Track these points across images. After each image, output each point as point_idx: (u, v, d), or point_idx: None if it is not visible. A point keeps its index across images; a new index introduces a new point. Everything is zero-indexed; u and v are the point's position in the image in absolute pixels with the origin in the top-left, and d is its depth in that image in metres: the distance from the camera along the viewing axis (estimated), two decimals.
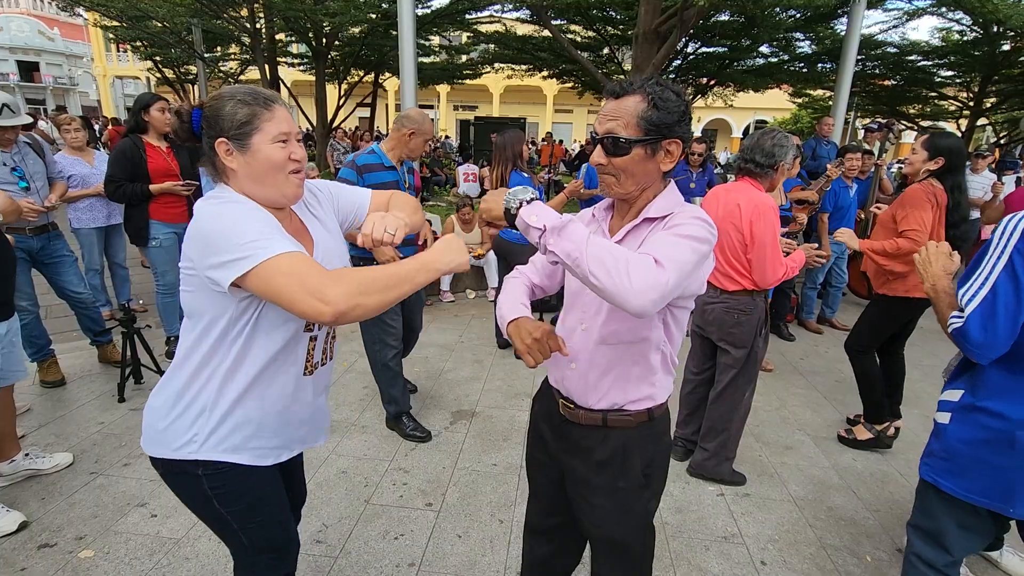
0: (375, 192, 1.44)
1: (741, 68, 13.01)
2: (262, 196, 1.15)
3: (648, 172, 1.16)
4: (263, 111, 1.12)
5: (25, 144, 3.06)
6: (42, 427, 2.84)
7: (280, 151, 1.13)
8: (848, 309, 5.54)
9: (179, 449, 1.17)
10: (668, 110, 1.11)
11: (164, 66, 18.04)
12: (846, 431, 3.06)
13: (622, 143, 1.12)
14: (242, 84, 1.19)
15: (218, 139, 1.11)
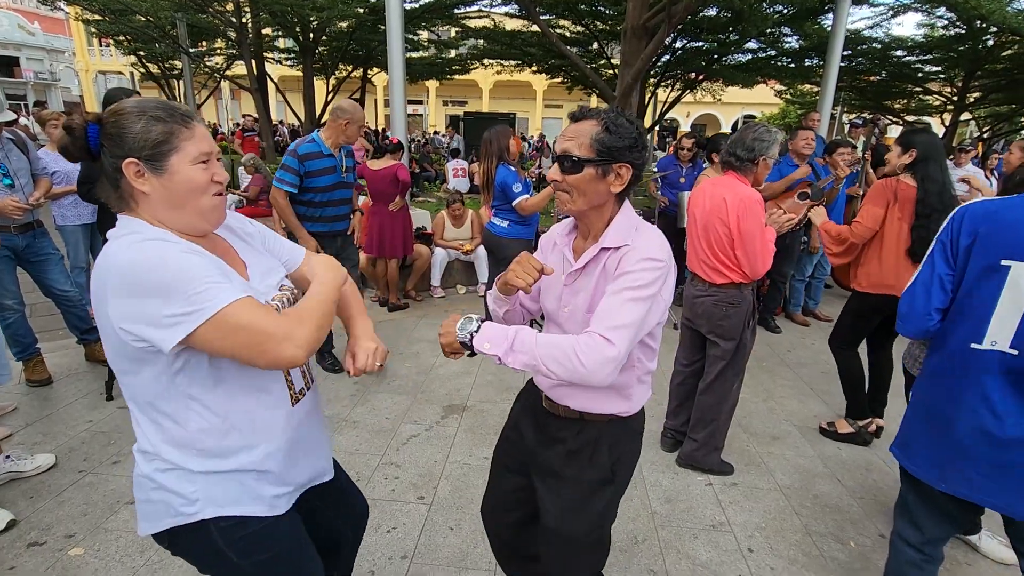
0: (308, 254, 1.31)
1: (729, 63, 13.10)
2: (180, 223, 1.02)
3: (598, 192, 1.22)
4: (182, 129, 0.99)
5: (8, 140, 3.02)
6: (29, 426, 2.82)
7: (202, 173, 1.01)
8: (833, 301, 5.62)
9: (179, 516, 1.05)
10: (620, 135, 1.17)
11: (148, 61, 17.81)
12: (827, 423, 3.10)
13: (575, 161, 1.18)
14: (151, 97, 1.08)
15: (126, 160, 0.96)
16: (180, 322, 0.90)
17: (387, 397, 3.30)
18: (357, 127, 3.25)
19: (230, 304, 0.92)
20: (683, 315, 2.72)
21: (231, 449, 1.06)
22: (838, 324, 3.08)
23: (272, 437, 1.11)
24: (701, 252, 2.51)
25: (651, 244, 1.21)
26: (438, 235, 5.40)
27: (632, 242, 1.22)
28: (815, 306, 5.12)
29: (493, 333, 1.17)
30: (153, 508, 1.06)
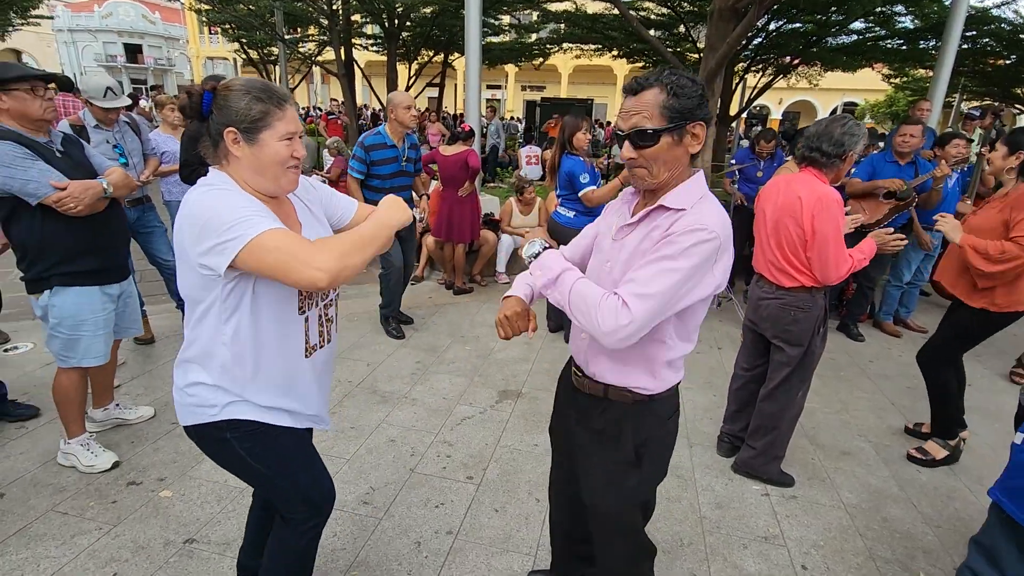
0: (361, 204, 1.53)
1: (829, 46, 12.06)
2: (259, 185, 1.21)
3: (677, 158, 1.19)
4: (276, 110, 1.17)
5: (124, 123, 3.37)
6: (134, 379, 3.18)
7: (285, 148, 1.19)
8: (930, 311, 5.13)
9: (202, 414, 1.26)
10: (687, 96, 1.14)
11: (249, 48, 19.07)
12: (918, 450, 2.80)
13: (650, 134, 1.16)
14: (256, 78, 1.25)
15: (228, 127, 1.16)
16: (226, 248, 1.07)
17: (446, 378, 3.41)
18: (403, 109, 3.55)
19: (264, 232, 1.07)
20: (746, 316, 2.60)
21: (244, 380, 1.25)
22: (942, 339, 2.76)
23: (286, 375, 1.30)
24: (769, 252, 2.38)
25: (708, 213, 1.16)
26: (505, 222, 5.45)
27: (691, 208, 1.17)
28: (907, 315, 4.69)
29: (548, 262, 1.26)
30: (185, 406, 1.29)
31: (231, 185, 1.19)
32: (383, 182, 3.64)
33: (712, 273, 1.16)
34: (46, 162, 2.08)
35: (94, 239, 2.24)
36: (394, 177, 3.67)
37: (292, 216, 1.32)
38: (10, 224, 2.12)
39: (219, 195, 1.14)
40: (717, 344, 4.10)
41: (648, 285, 1.12)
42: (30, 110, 2.07)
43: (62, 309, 2.21)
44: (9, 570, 1.85)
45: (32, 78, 2.07)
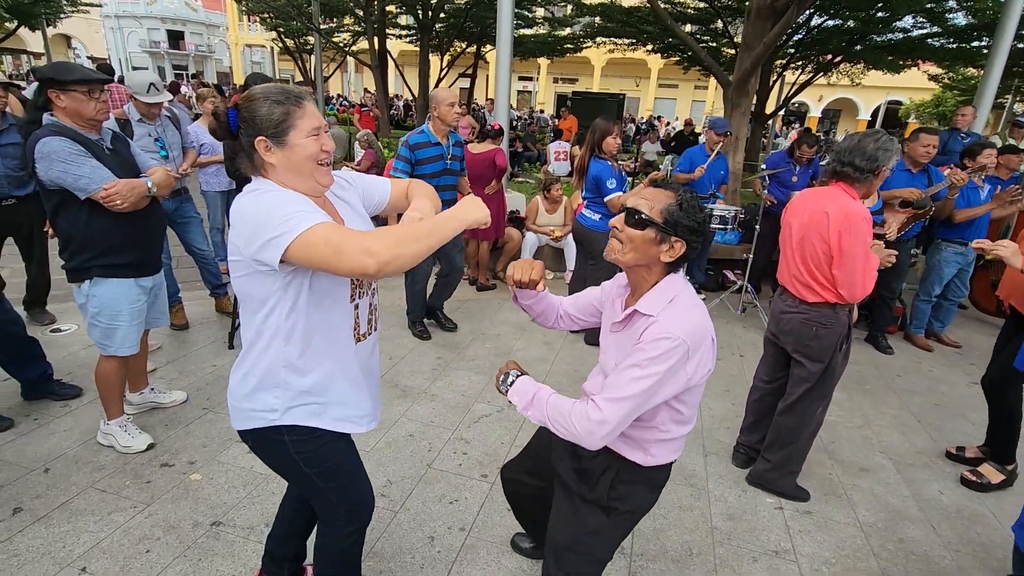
0: (394, 181, 1.55)
1: (873, 43, 11.62)
2: (298, 186, 1.25)
3: (649, 254, 1.29)
4: (296, 108, 1.20)
5: (166, 117, 3.50)
6: (169, 364, 3.33)
7: (314, 143, 1.22)
8: (966, 325, 4.98)
9: (262, 419, 1.31)
10: (689, 215, 1.27)
11: (286, 37, 19.40)
12: (972, 473, 2.72)
13: (642, 219, 1.28)
14: (271, 83, 1.30)
15: (258, 137, 1.20)
16: (278, 242, 1.11)
17: (465, 375, 3.47)
18: (446, 107, 3.51)
19: (313, 225, 1.11)
20: (768, 329, 2.58)
21: (305, 371, 1.30)
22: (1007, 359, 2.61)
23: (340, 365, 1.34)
24: (794, 267, 2.35)
25: (673, 320, 1.24)
26: (530, 220, 5.46)
27: (659, 315, 1.26)
28: (942, 329, 4.55)
29: (521, 388, 1.35)
30: (242, 410, 1.34)
31: (276, 187, 1.23)
32: (429, 181, 3.54)
33: (684, 370, 1.23)
34: (97, 159, 2.19)
35: (135, 234, 2.35)
36: (439, 176, 3.57)
37: (335, 215, 1.35)
38: (57, 215, 2.25)
39: (268, 196, 1.19)
40: (739, 352, 4.07)
41: (620, 390, 1.22)
42: (84, 110, 2.19)
43: (101, 299, 2.33)
44: (52, 541, 1.99)
45: (90, 81, 2.18)
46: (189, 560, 1.95)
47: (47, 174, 2.11)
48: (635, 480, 1.41)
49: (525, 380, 1.37)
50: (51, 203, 2.22)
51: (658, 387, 1.22)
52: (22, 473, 2.32)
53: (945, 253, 4.19)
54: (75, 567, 1.89)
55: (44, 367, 2.85)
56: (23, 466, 2.36)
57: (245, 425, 1.35)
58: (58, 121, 2.19)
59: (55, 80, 2.15)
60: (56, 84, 2.15)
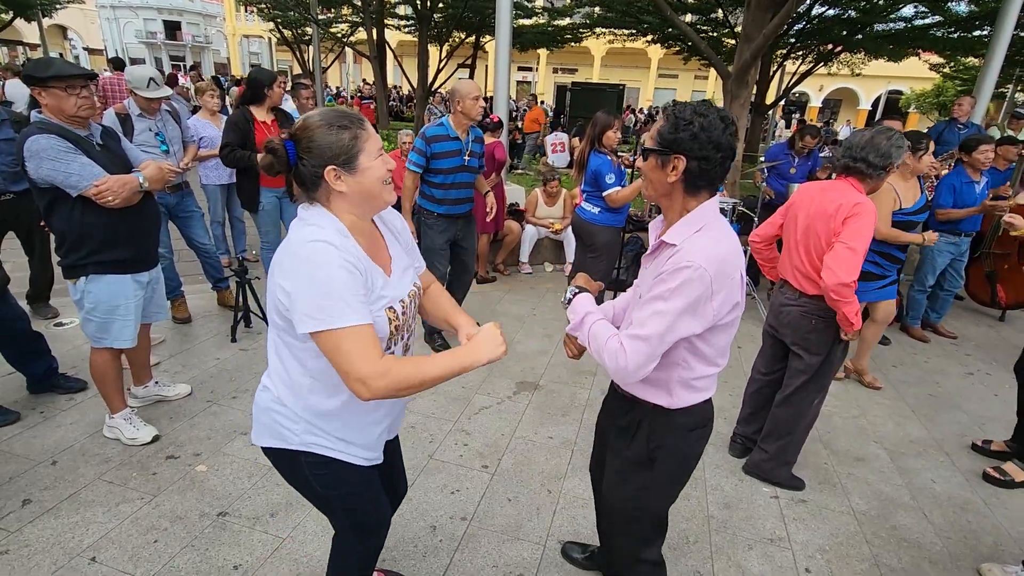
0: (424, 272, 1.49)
1: (874, 33, 11.56)
2: (368, 210, 1.23)
3: (660, 181, 1.29)
4: (362, 132, 1.16)
5: (166, 112, 3.51)
6: (172, 357, 3.36)
7: (381, 164, 1.19)
8: (962, 316, 5.01)
9: (280, 440, 1.30)
10: (677, 127, 1.23)
11: (284, 27, 19.25)
12: (996, 470, 2.72)
13: (643, 150, 1.31)
14: (327, 108, 1.24)
15: (327, 167, 1.14)
16: (308, 321, 1.08)
17: None
18: (471, 100, 3.29)
19: (346, 328, 1.08)
20: (767, 322, 2.61)
21: (327, 412, 1.27)
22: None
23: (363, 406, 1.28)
24: (796, 259, 2.38)
25: (697, 249, 1.20)
26: (530, 212, 5.48)
27: (684, 244, 1.23)
28: (938, 320, 4.59)
29: (576, 306, 1.41)
30: (263, 427, 1.32)
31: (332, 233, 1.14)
32: (445, 177, 3.37)
33: (710, 306, 1.20)
34: (87, 155, 2.19)
35: (128, 230, 2.35)
36: (456, 172, 3.39)
37: (382, 248, 1.31)
38: (50, 213, 2.25)
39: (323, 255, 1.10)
40: (737, 343, 4.10)
41: (642, 327, 1.23)
42: (65, 106, 2.17)
43: (97, 295, 2.35)
44: (62, 531, 2.03)
45: (68, 77, 2.15)
46: (197, 549, 1.99)
47: (37, 172, 2.11)
48: (668, 427, 1.41)
49: (581, 299, 1.40)
50: (43, 201, 2.22)
51: (680, 321, 1.20)
52: (30, 465, 2.36)
53: (939, 243, 4.21)
54: (85, 557, 1.93)
55: (49, 361, 2.88)
56: (31, 459, 2.40)
57: (263, 442, 1.33)
58: (46, 118, 2.18)
59: (34, 77, 2.13)
60: (36, 81, 2.13)
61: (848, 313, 2.16)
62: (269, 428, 1.31)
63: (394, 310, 1.24)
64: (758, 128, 13.44)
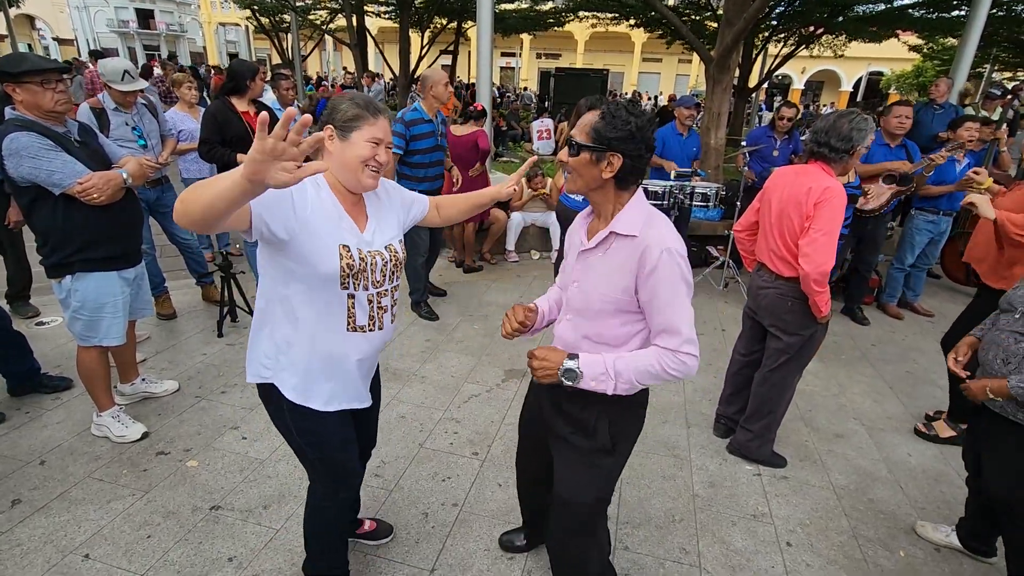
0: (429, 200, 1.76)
1: (855, 15, 11.62)
2: (343, 178, 1.40)
3: (593, 176, 1.33)
4: (369, 116, 1.36)
5: (143, 106, 3.44)
6: (158, 354, 3.34)
7: (369, 149, 1.36)
8: (938, 294, 5.14)
9: (258, 374, 1.47)
10: (614, 126, 1.28)
11: (261, 15, 18.83)
12: (924, 426, 2.94)
13: (574, 145, 1.33)
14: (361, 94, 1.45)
15: (327, 124, 1.37)
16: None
17: (454, 356, 3.54)
18: (442, 86, 3.65)
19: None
20: (746, 304, 2.66)
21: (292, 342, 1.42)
22: (965, 324, 2.73)
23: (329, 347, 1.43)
24: (772, 242, 2.43)
25: (666, 235, 1.30)
26: (515, 199, 5.48)
27: (642, 234, 1.30)
28: (915, 298, 4.70)
29: (595, 372, 1.35)
30: (251, 363, 1.49)
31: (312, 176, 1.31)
32: (423, 156, 3.72)
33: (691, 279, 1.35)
34: (66, 152, 2.16)
35: (113, 226, 2.34)
36: (431, 152, 3.75)
37: (362, 213, 1.47)
38: (32, 212, 2.22)
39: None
40: (721, 326, 4.17)
41: (682, 323, 1.30)
42: (42, 102, 2.13)
43: (84, 293, 2.33)
44: (53, 530, 2.03)
45: (43, 71, 2.11)
46: (190, 543, 2.01)
47: (17, 171, 2.07)
48: (624, 413, 1.49)
49: (589, 363, 1.35)
50: (24, 200, 2.19)
51: (688, 299, 1.31)
52: (18, 466, 2.35)
53: (917, 221, 4.31)
54: (78, 554, 1.94)
55: (31, 362, 2.85)
56: (18, 459, 2.39)
57: (251, 378, 1.49)
58: (21, 115, 2.14)
59: (7, 73, 2.08)
60: (9, 77, 2.08)
61: (820, 302, 2.28)
62: (255, 364, 1.47)
63: (348, 248, 1.37)
64: (741, 112, 13.50)
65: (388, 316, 1.53)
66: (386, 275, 1.48)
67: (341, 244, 1.36)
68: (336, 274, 1.36)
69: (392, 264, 1.49)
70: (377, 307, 1.48)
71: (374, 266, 1.43)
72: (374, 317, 1.49)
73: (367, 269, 1.41)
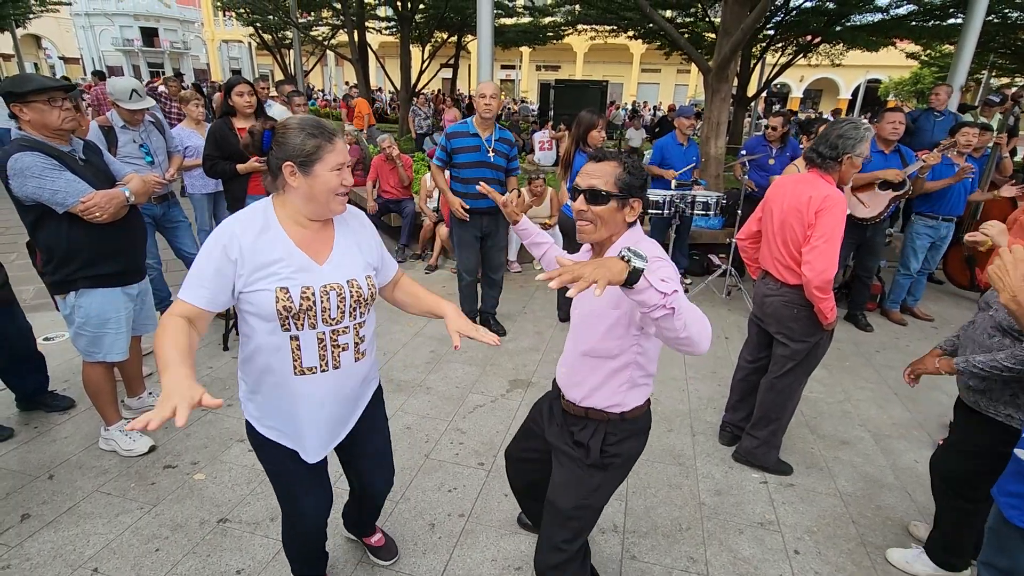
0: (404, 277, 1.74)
1: (852, 24, 11.73)
2: (310, 211, 1.38)
3: (616, 221, 1.42)
4: (327, 144, 1.32)
5: (150, 123, 3.50)
6: None
7: (335, 177, 1.34)
8: (941, 300, 5.14)
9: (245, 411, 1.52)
10: (636, 176, 1.39)
11: (264, 32, 19.09)
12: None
13: (603, 195, 1.38)
14: (309, 116, 1.37)
15: (286, 161, 1.31)
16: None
17: (459, 367, 3.55)
18: (478, 98, 3.54)
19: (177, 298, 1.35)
20: (752, 312, 2.68)
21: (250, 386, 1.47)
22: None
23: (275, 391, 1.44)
24: (776, 250, 2.44)
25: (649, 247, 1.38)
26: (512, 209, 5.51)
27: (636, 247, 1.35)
28: (914, 303, 4.71)
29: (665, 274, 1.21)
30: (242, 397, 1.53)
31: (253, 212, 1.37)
32: (468, 171, 3.57)
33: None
34: (71, 171, 2.18)
35: (117, 243, 2.36)
36: (474, 167, 3.56)
37: (327, 243, 1.43)
38: (37, 230, 2.24)
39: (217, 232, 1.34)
40: (724, 334, 4.18)
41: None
42: (49, 120, 2.16)
43: (88, 310, 2.35)
44: (62, 544, 2.04)
45: (49, 89, 2.15)
46: (198, 556, 2.02)
47: (22, 190, 2.10)
48: (621, 434, 1.53)
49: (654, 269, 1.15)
50: (29, 218, 2.22)
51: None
52: (27, 480, 2.36)
53: (917, 227, 4.33)
54: (87, 568, 1.95)
55: (42, 380, 2.88)
56: (27, 473, 2.40)
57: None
58: (28, 135, 2.17)
59: (13, 93, 2.12)
60: (16, 97, 2.12)
61: (824, 308, 2.29)
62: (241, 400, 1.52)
63: (286, 290, 1.33)
64: (740, 121, 13.58)
65: (349, 354, 1.46)
66: (344, 312, 1.41)
67: (279, 287, 1.32)
68: (273, 316, 1.33)
69: (353, 300, 1.42)
70: (331, 345, 1.41)
71: (327, 303, 1.37)
72: (326, 357, 1.41)
73: (314, 308, 1.35)
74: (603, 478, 1.55)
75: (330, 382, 1.45)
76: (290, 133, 1.31)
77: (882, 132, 3.90)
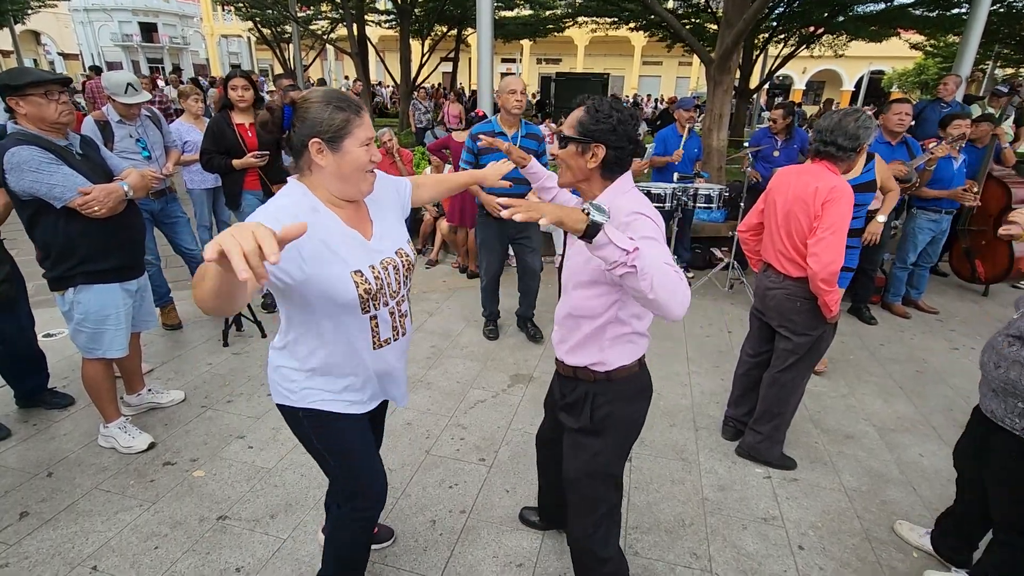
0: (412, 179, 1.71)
1: (855, 14, 11.62)
2: (342, 192, 1.29)
3: (580, 167, 1.40)
4: (356, 117, 1.23)
5: (146, 117, 3.47)
6: (164, 364, 3.35)
7: (365, 153, 1.26)
8: (946, 292, 5.10)
9: (284, 397, 1.43)
10: (596, 119, 1.35)
11: (263, 26, 18.99)
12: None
13: (562, 138, 1.41)
14: (332, 88, 1.31)
15: (312, 138, 1.21)
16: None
17: (459, 362, 3.53)
18: (506, 94, 3.32)
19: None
20: (754, 305, 2.65)
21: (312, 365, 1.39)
22: None
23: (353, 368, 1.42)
24: (779, 242, 2.41)
25: (634, 203, 1.34)
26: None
27: (613, 203, 1.35)
28: (918, 296, 4.66)
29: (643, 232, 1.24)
30: (273, 385, 1.45)
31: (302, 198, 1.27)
32: None
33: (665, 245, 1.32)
34: (68, 165, 2.16)
35: (115, 239, 2.34)
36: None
37: (366, 217, 1.41)
38: (34, 225, 2.22)
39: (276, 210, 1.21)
40: (727, 327, 4.15)
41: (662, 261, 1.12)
42: (46, 114, 2.14)
43: (87, 306, 2.33)
44: (61, 543, 2.03)
45: (45, 82, 2.12)
46: (198, 554, 2.01)
47: (19, 185, 2.08)
48: (608, 395, 1.52)
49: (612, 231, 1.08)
50: (26, 213, 2.19)
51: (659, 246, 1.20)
52: (25, 478, 2.35)
53: (919, 221, 4.29)
54: (86, 566, 1.93)
55: (42, 378, 2.87)
56: (26, 471, 2.39)
57: (276, 398, 1.46)
58: (24, 129, 2.15)
59: (10, 86, 2.09)
60: (12, 90, 2.09)
61: (829, 301, 2.25)
62: (276, 386, 1.44)
63: (361, 273, 1.30)
64: (742, 113, 13.49)
65: (408, 320, 1.52)
66: (400, 281, 1.44)
67: (353, 271, 1.29)
68: (356, 303, 1.31)
69: (405, 269, 1.45)
70: (398, 316, 1.46)
71: (388, 278, 1.38)
72: (396, 327, 1.47)
73: (384, 286, 1.36)
74: (600, 444, 1.54)
75: (399, 349, 1.51)
76: (313, 107, 1.21)
77: (888, 124, 3.84)
